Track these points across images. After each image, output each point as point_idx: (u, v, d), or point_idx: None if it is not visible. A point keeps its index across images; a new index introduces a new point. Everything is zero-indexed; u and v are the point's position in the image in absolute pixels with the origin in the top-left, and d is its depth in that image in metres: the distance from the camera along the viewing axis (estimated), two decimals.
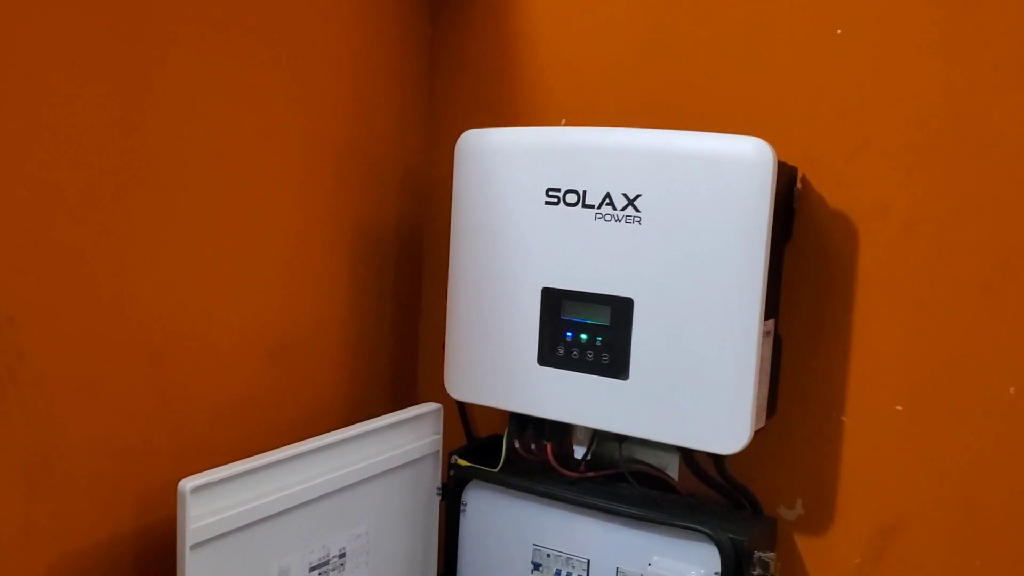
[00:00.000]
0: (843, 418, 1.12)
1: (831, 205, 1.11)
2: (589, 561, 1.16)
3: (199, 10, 1.03)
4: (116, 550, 1.00)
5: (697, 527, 1.06)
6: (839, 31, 1.09)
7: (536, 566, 1.19)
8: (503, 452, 1.21)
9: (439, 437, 1.25)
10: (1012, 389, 1.03)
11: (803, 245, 1.12)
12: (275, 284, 1.18)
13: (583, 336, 1.10)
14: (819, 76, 1.10)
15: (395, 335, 1.42)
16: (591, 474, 1.18)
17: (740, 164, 0.99)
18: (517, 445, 1.21)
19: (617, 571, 1.14)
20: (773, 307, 1.09)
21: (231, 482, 0.96)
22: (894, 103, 1.06)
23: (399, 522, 1.21)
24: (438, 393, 1.25)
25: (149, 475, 1.02)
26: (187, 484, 0.90)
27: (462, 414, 1.31)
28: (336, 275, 1.28)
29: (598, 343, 1.09)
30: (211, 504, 0.93)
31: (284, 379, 1.21)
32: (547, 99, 1.31)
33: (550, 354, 1.13)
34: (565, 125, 1.28)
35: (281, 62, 1.15)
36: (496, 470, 1.20)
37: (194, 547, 0.91)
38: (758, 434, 1.06)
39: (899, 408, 1.08)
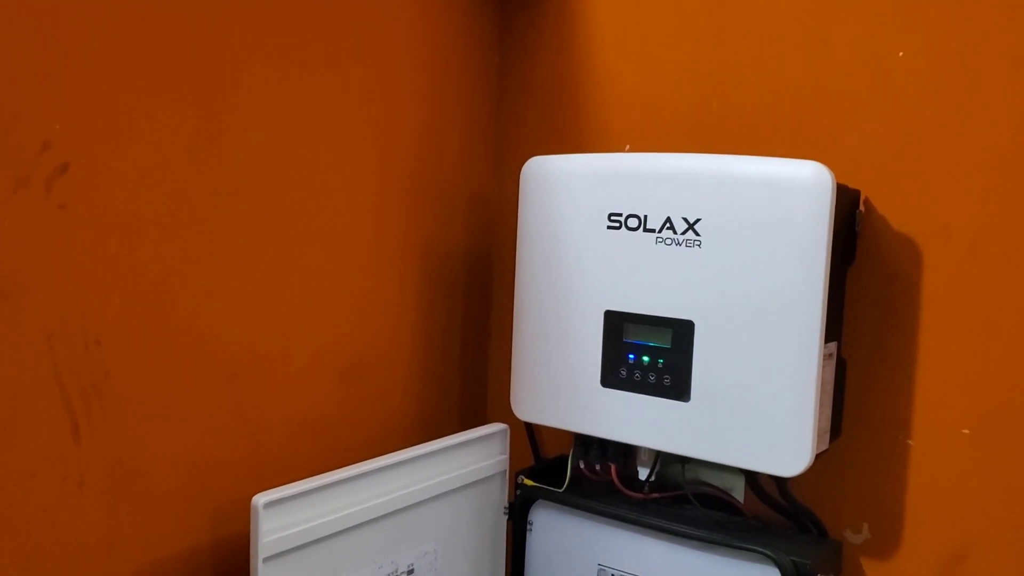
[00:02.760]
0: (909, 441, 1.11)
1: (894, 227, 1.10)
2: None
3: (276, 45, 1.09)
4: (194, 562, 1.04)
5: (759, 549, 1.06)
6: (901, 53, 1.09)
7: None
8: (568, 472, 1.22)
9: (506, 457, 1.28)
10: None
11: (866, 267, 1.12)
12: (347, 307, 1.23)
13: (645, 358, 1.12)
14: (882, 98, 1.10)
15: (464, 357, 1.45)
16: (655, 495, 1.18)
17: (799, 188, 1.00)
18: (582, 466, 1.22)
19: None
20: (835, 329, 1.09)
21: (303, 498, 1.00)
22: (957, 124, 1.06)
23: (466, 540, 1.24)
24: (507, 414, 1.27)
25: (226, 490, 1.07)
26: (260, 499, 0.94)
27: (530, 434, 1.33)
28: (407, 298, 1.32)
29: (660, 365, 1.10)
30: (283, 519, 0.97)
31: (356, 398, 1.25)
32: (612, 125, 1.33)
33: (613, 376, 1.14)
34: (629, 150, 1.30)
35: (354, 91, 1.20)
36: (561, 490, 1.22)
37: (267, 560, 0.95)
38: (823, 456, 1.06)
39: (966, 432, 1.07)
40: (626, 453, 1.20)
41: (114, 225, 0.94)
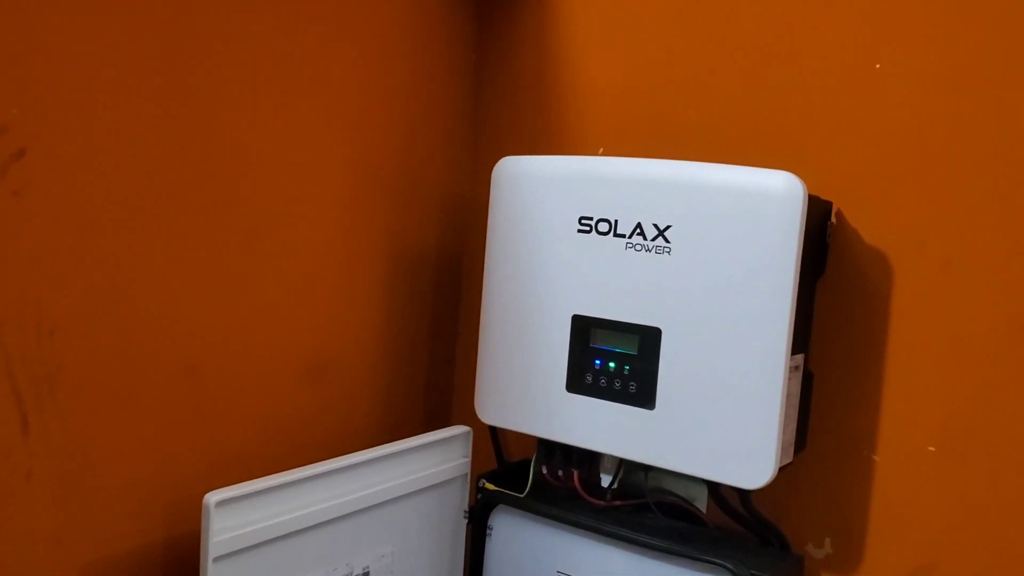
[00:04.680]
0: (874, 457, 1.10)
1: (867, 240, 1.10)
2: None
3: (248, 35, 1.07)
4: (144, 560, 1.02)
5: (719, 561, 1.05)
6: (878, 65, 1.08)
7: None
8: (530, 477, 1.21)
9: (468, 460, 1.26)
10: None
11: (837, 280, 1.11)
12: (313, 304, 1.21)
13: (611, 364, 1.10)
14: (857, 110, 1.10)
15: (431, 358, 1.44)
16: (617, 503, 1.17)
17: (770, 198, 0.99)
18: (545, 471, 1.21)
19: None
20: (803, 342, 1.08)
21: (256, 497, 0.98)
22: (934, 138, 1.05)
23: (425, 544, 1.22)
24: (473, 416, 1.25)
25: (181, 487, 1.05)
26: (212, 497, 0.92)
27: (494, 438, 1.32)
28: (374, 296, 1.31)
29: (626, 372, 1.09)
30: (236, 518, 0.95)
31: (319, 398, 1.23)
32: (587, 128, 1.32)
33: (578, 381, 1.13)
34: (603, 154, 1.29)
35: (328, 86, 1.18)
36: (523, 495, 1.21)
37: (217, 560, 0.93)
38: (787, 469, 1.06)
39: (932, 449, 1.07)
40: (590, 460, 1.19)
41: (72, 213, 0.91)
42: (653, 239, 1.06)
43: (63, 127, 0.90)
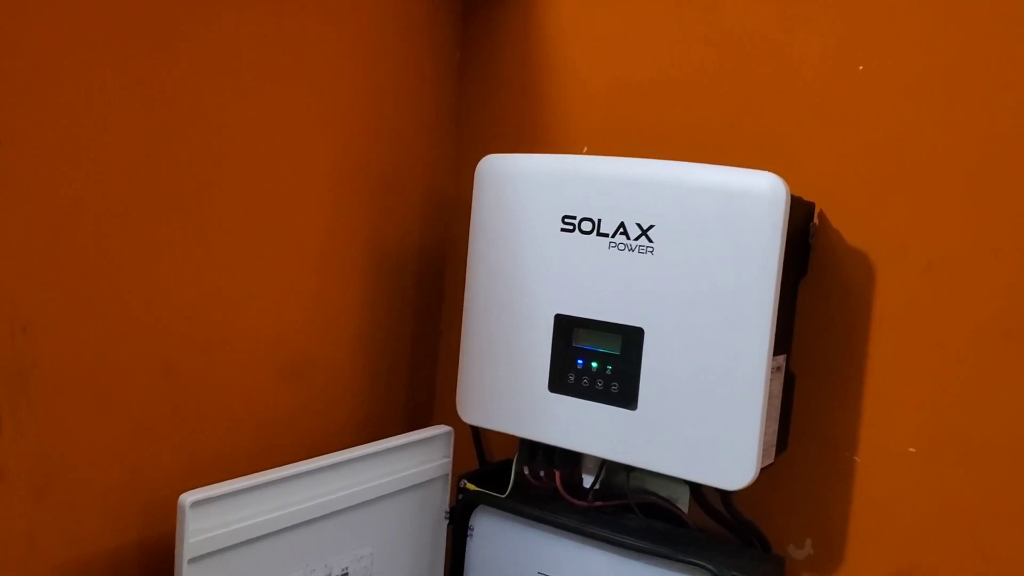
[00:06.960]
0: (855, 458, 1.10)
1: (849, 242, 1.09)
2: None
3: (229, 30, 1.05)
4: (120, 560, 1.01)
5: (700, 562, 1.05)
6: (861, 67, 1.08)
7: None
8: (512, 478, 1.20)
9: (449, 460, 1.25)
10: None
11: (819, 281, 1.11)
12: (293, 301, 1.19)
13: (594, 364, 1.10)
14: (840, 112, 1.10)
15: (413, 357, 1.42)
16: (599, 504, 1.17)
17: (753, 198, 0.98)
18: (526, 471, 1.20)
19: None
20: (785, 342, 1.08)
21: (233, 497, 0.97)
22: (916, 141, 1.05)
23: (405, 545, 1.21)
24: (454, 416, 1.24)
25: (157, 487, 1.03)
26: (187, 498, 0.91)
27: (475, 438, 1.31)
28: (356, 294, 1.29)
29: (608, 372, 1.09)
30: (211, 519, 0.94)
31: (299, 397, 1.22)
32: (571, 126, 1.32)
33: (561, 381, 1.12)
34: (587, 153, 1.29)
35: (312, 82, 1.17)
36: (504, 496, 1.20)
37: (192, 561, 0.92)
38: (768, 470, 1.05)
39: (912, 450, 1.06)
40: (572, 460, 1.18)
41: (48, 206, 0.90)
42: (636, 239, 1.06)
43: (39, 118, 0.88)
